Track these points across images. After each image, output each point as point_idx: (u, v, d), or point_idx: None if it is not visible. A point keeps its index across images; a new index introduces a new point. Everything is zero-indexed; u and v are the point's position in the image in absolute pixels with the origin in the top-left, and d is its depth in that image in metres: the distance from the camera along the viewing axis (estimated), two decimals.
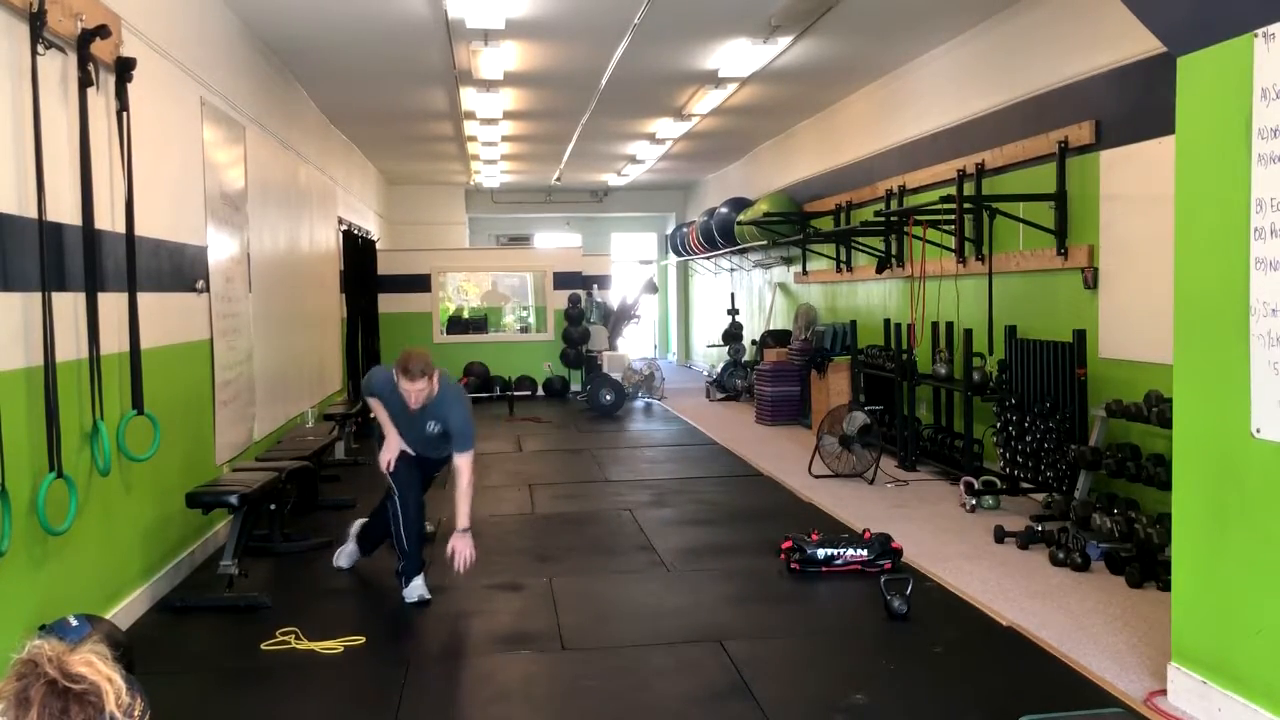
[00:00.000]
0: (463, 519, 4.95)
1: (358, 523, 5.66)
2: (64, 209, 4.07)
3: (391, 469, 5.10)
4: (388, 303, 13.87)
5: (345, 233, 11.53)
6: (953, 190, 7.73)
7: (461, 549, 4.94)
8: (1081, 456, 5.75)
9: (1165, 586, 4.56)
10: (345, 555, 5.60)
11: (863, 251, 9.94)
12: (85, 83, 4.16)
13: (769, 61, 8.78)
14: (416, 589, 5.00)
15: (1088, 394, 6.08)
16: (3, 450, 3.42)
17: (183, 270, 5.63)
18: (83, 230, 4.16)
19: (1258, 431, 3.20)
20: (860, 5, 7.29)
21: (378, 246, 14.08)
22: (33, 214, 3.75)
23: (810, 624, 4.76)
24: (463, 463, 4.99)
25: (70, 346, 4.08)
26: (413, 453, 5.16)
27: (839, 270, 10.74)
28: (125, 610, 4.66)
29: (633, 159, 15.12)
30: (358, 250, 12.13)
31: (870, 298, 10.22)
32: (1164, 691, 3.69)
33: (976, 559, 5.56)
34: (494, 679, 4.08)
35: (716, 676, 3.99)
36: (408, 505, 5.09)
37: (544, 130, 12.51)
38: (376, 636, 4.50)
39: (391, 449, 5.11)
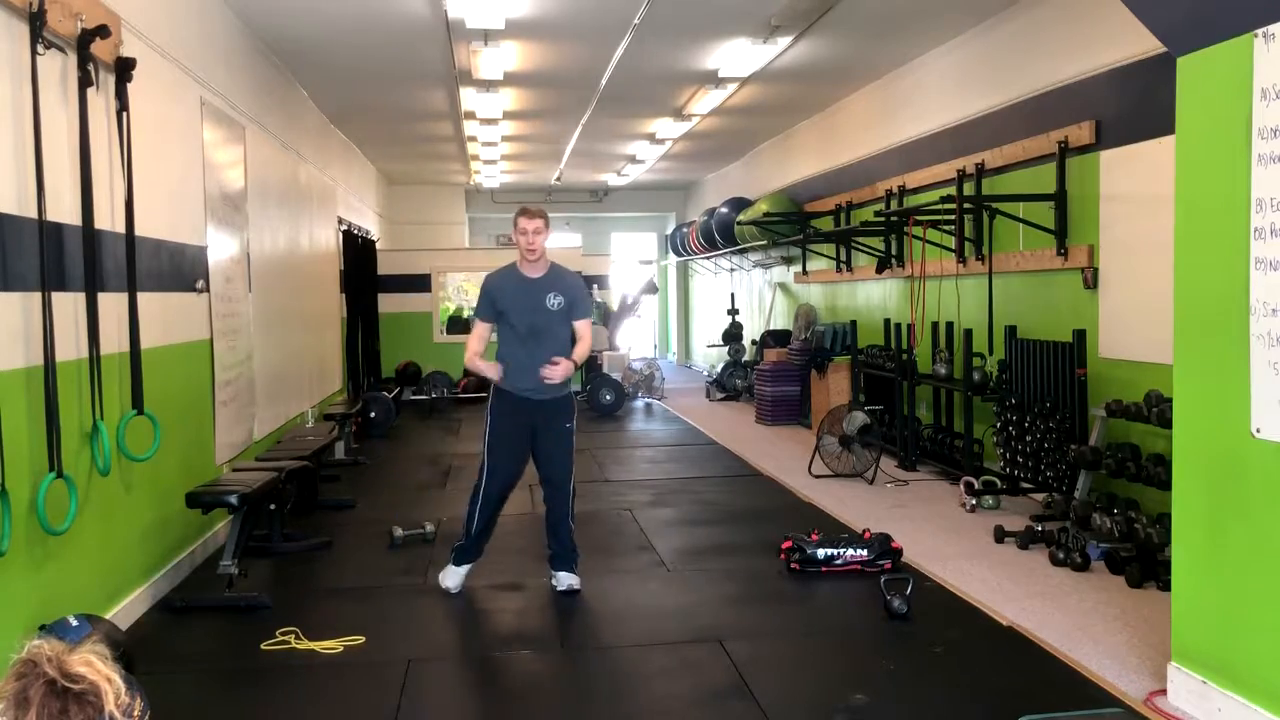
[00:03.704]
0: (574, 359, 4.99)
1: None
2: (64, 209, 4.07)
3: (500, 376, 4.96)
4: (388, 302, 13.89)
5: (345, 233, 11.53)
6: (953, 190, 7.74)
7: (556, 368, 4.82)
8: (1081, 456, 5.75)
9: (1165, 586, 4.56)
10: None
11: (863, 251, 9.93)
12: (85, 83, 4.16)
13: (769, 61, 8.78)
14: (452, 575, 5.02)
15: (1088, 394, 6.08)
16: (3, 450, 3.42)
17: (183, 270, 5.63)
18: (83, 230, 4.16)
19: (1258, 431, 3.20)
20: (860, 5, 7.29)
21: (378, 246, 14.09)
22: (33, 214, 3.75)
23: (810, 624, 4.76)
24: (584, 329, 5.07)
25: (70, 346, 4.07)
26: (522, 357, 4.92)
27: (839, 270, 10.74)
28: (125, 610, 4.66)
29: (633, 159, 15.11)
30: (358, 250, 12.12)
31: (870, 298, 10.22)
32: (1164, 691, 3.69)
33: (976, 559, 5.56)
34: (494, 679, 4.08)
35: (716, 676, 3.99)
36: (491, 491, 5.02)
37: (544, 130, 12.51)
38: (376, 636, 4.49)
39: (496, 367, 4.97)
